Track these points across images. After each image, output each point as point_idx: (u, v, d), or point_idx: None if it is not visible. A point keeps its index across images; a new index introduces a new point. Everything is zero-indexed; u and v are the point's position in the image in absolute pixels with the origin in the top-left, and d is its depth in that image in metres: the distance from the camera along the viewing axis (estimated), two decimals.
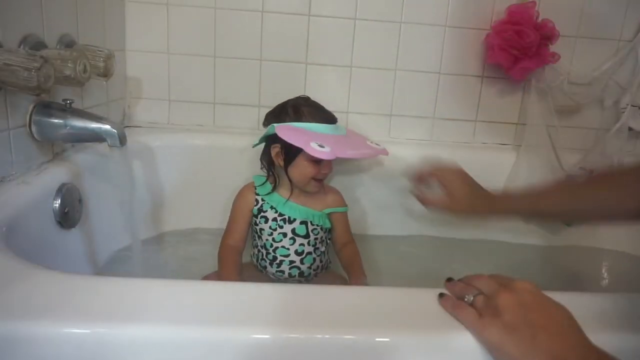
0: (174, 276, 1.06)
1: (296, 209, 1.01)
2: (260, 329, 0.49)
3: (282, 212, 1.01)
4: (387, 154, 1.05)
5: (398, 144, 1.31)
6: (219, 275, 0.98)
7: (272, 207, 1.02)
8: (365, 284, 0.97)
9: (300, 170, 0.98)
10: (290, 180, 1.01)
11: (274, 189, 1.03)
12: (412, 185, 1.01)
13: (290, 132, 0.96)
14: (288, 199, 1.02)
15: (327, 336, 0.49)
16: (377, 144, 1.05)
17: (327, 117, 1.03)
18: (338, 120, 1.06)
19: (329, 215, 1.06)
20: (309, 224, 1.01)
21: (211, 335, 0.49)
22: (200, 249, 1.17)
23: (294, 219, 1.01)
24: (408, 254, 1.26)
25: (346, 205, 1.09)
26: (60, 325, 0.48)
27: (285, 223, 1.01)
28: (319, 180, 1.00)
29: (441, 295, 0.55)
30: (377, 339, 0.50)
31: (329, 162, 0.98)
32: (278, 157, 1.00)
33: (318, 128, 0.98)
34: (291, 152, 0.98)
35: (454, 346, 0.50)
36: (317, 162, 0.97)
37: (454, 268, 1.21)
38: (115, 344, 0.48)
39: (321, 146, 0.90)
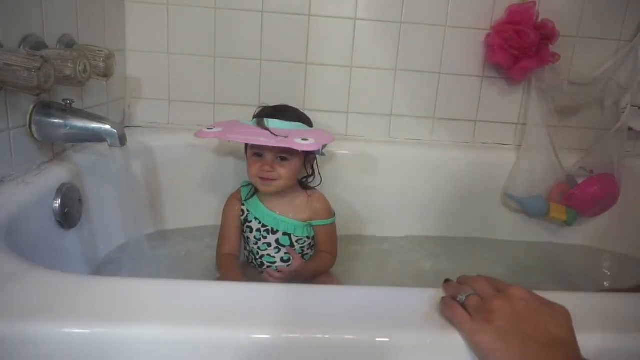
0: (174, 275, 1.06)
1: (278, 220, 1.00)
2: (260, 329, 0.49)
3: (265, 223, 1.00)
4: (306, 149, 0.89)
5: (398, 144, 1.32)
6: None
7: (255, 218, 1.01)
8: (294, 266, 0.95)
9: (248, 167, 0.99)
10: None
11: (256, 192, 1.03)
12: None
13: (217, 123, 1.01)
14: (268, 207, 1.01)
15: (327, 336, 0.49)
16: (304, 140, 0.89)
17: (273, 113, 0.99)
18: (336, 119, 1.04)
19: (313, 225, 1.03)
20: (292, 235, 1.00)
21: (211, 335, 0.49)
22: (200, 248, 1.17)
23: (277, 230, 1.00)
24: (408, 254, 1.25)
25: (333, 215, 1.05)
26: (60, 325, 0.48)
27: (268, 234, 1.00)
28: (267, 180, 0.95)
29: (443, 299, 0.55)
30: (377, 339, 0.50)
31: (274, 159, 0.94)
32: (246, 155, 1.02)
33: (252, 122, 0.98)
34: (246, 152, 0.99)
35: (454, 346, 0.50)
36: (258, 156, 0.96)
37: (454, 268, 1.21)
38: (115, 344, 0.48)
39: (210, 128, 0.94)
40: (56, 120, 0.82)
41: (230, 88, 1.28)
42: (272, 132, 0.91)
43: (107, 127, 0.83)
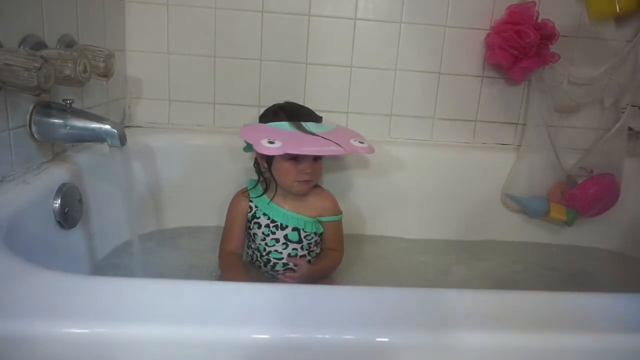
0: (174, 275, 1.06)
1: (288, 216, 1.01)
2: (260, 329, 0.49)
3: (275, 219, 1.01)
4: (370, 152, 0.97)
5: (398, 144, 1.32)
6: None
7: (264, 214, 1.01)
8: (300, 271, 0.95)
9: (281, 171, 0.97)
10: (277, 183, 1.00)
11: (265, 192, 1.03)
12: None
13: (251, 130, 0.96)
14: (278, 204, 1.01)
15: (327, 336, 0.49)
16: (361, 142, 0.97)
17: (305, 116, 1.01)
18: (336, 119, 1.05)
19: (322, 221, 1.04)
20: (302, 231, 1.01)
21: (211, 335, 0.49)
22: (199, 248, 1.17)
23: (286, 226, 1.00)
24: (409, 254, 1.25)
25: (340, 213, 1.06)
26: (60, 325, 0.48)
27: (277, 229, 1.01)
28: (304, 181, 0.97)
29: None
30: (377, 339, 0.50)
31: (311, 162, 0.96)
32: (262, 159, 1.00)
33: (289, 126, 0.96)
34: (268, 156, 0.97)
35: (454, 346, 0.50)
36: (295, 160, 0.95)
37: (454, 268, 1.21)
38: (115, 344, 0.48)
39: (271, 142, 0.89)
40: (56, 120, 0.82)
41: (230, 88, 1.28)
42: (324, 137, 0.93)
43: (107, 127, 0.83)
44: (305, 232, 1.01)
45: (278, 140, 0.89)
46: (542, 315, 0.55)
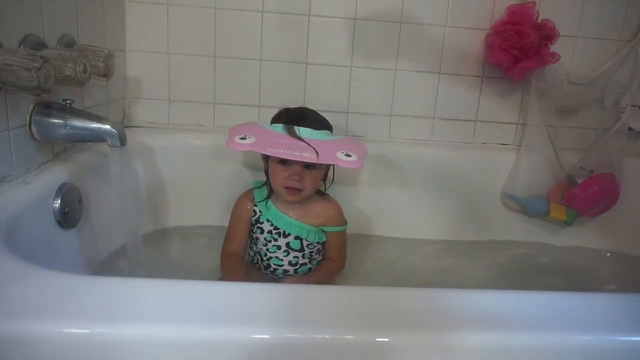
0: (174, 275, 1.06)
1: (291, 223, 0.99)
2: (260, 329, 0.49)
3: (278, 227, 1.00)
4: (353, 166, 0.90)
5: (398, 144, 1.32)
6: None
7: (268, 220, 1.00)
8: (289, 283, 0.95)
9: (271, 172, 0.97)
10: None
11: (269, 196, 1.02)
12: None
13: (239, 126, 0.95)
14: (282, 210, 1.00)
15: (327, 336, 0.49)
16: (348, 155, 0.90)
17: (305, 122, 0.96)
18: (336, 119, 1.03)
19: (325, 231, 1.03)
20: (304, 240, 1.00)
21: (211, 335, 0.49)
22: (199, 248, 1.17)
23: (289, 234, 1.00)
24: (407, 253, 1.25)
25: (345, 223, 1.05)
26: (60, 325, 0.48)
27: (280, 236, 1.00)
28: (292, 189, 0.94)
29: None
30: (377, 339, 0.50)
31: (300, 168, 0.93)
32: (263, 159, 1.00)
33: (282, 128, 0.95)
34: (266, 157, 0.97)
35: (454, 346, 0.50)
36: (284, 164, 0.94)
37: (454, 267, 1.21)
38: (115, 344, 0.48)
39: (243, 138, 0.90)
40: (56, 120, 0.82)
41: (230, 88, 1.28)
42: (308, 144, 0.90)
43: (107, 127, 0.83)
44: (308, 241, 1.00)
45: (253, 138, 0.90)
46: (542, 315, 0.55)
